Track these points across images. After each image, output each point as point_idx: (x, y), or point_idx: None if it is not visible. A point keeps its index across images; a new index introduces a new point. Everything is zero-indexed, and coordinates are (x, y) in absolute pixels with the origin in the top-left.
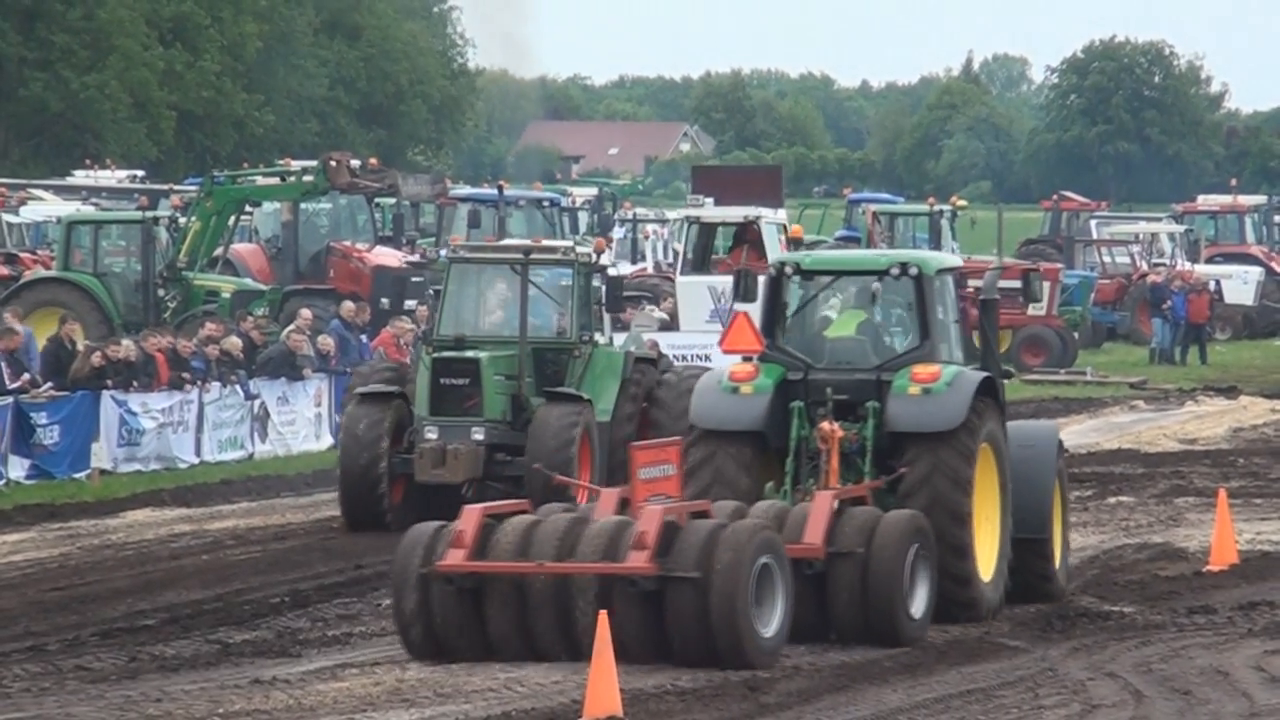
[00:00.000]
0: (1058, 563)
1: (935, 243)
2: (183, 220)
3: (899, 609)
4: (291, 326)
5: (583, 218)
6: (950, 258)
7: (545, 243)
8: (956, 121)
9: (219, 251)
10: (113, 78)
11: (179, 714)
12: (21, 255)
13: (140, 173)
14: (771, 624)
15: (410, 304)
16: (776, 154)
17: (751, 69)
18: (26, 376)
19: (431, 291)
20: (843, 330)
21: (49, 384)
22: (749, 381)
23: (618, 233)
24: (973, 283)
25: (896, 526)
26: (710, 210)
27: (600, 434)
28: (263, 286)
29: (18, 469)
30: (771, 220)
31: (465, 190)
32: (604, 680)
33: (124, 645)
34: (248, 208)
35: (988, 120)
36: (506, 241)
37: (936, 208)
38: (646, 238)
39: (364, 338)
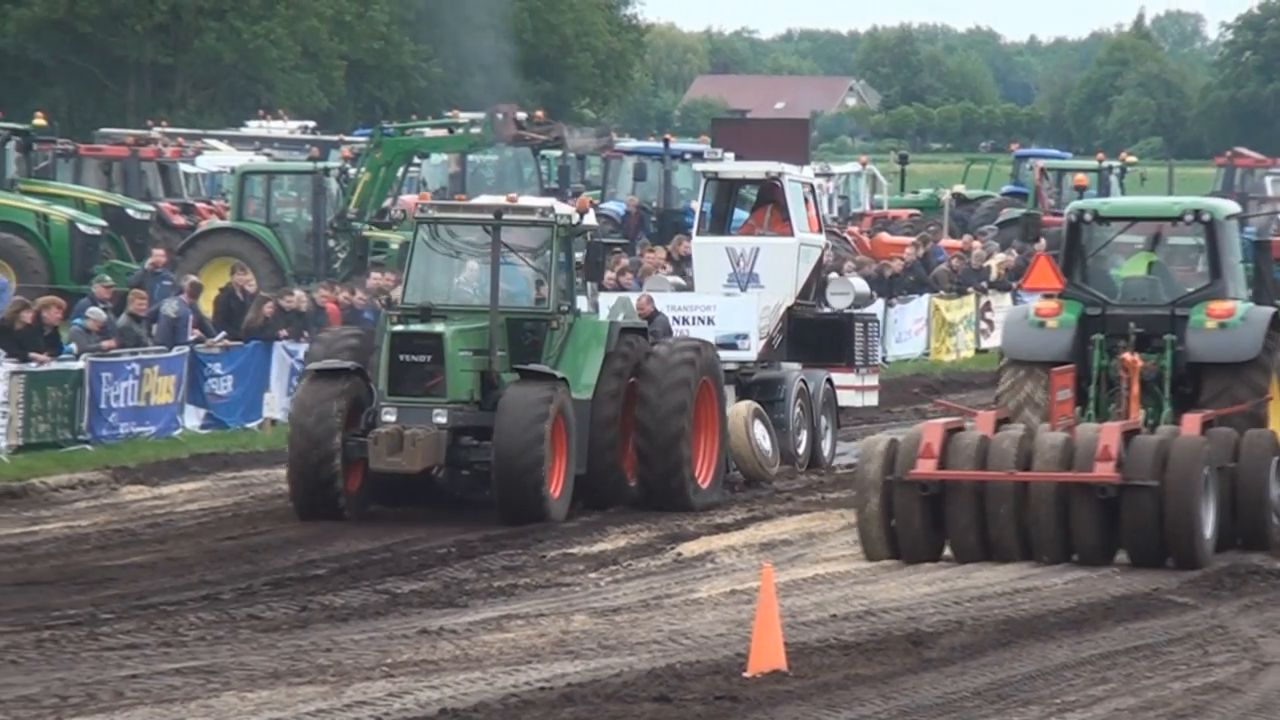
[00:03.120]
0: None
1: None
2: (352, 171)
3: (1267, 514)
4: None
5: None
6: (1234, 204)
7: (521, 201)
8: (1127, 77)
9: (387, 203)
10: (281, 26)
11: (348, 663)
12: (197, 205)
13: (311, 123)
14: (1208, 526)
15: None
16: (943, 109)
17: (919, 23)
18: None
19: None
20: (1136, 270)
21: (222, 334)
22: (1054, 317)
23: None
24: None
25: (1261, 442)
26: (729, 165)
27: (580, 412)
28: None
29: (193, 419)
30: (796, 178)
31: (631, 144)
32: (768, 634)
33: (295, 595)
34: (416, 159)
35: (1159, 76)
36: (479, 200)
37: (1105, 163)
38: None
39: None
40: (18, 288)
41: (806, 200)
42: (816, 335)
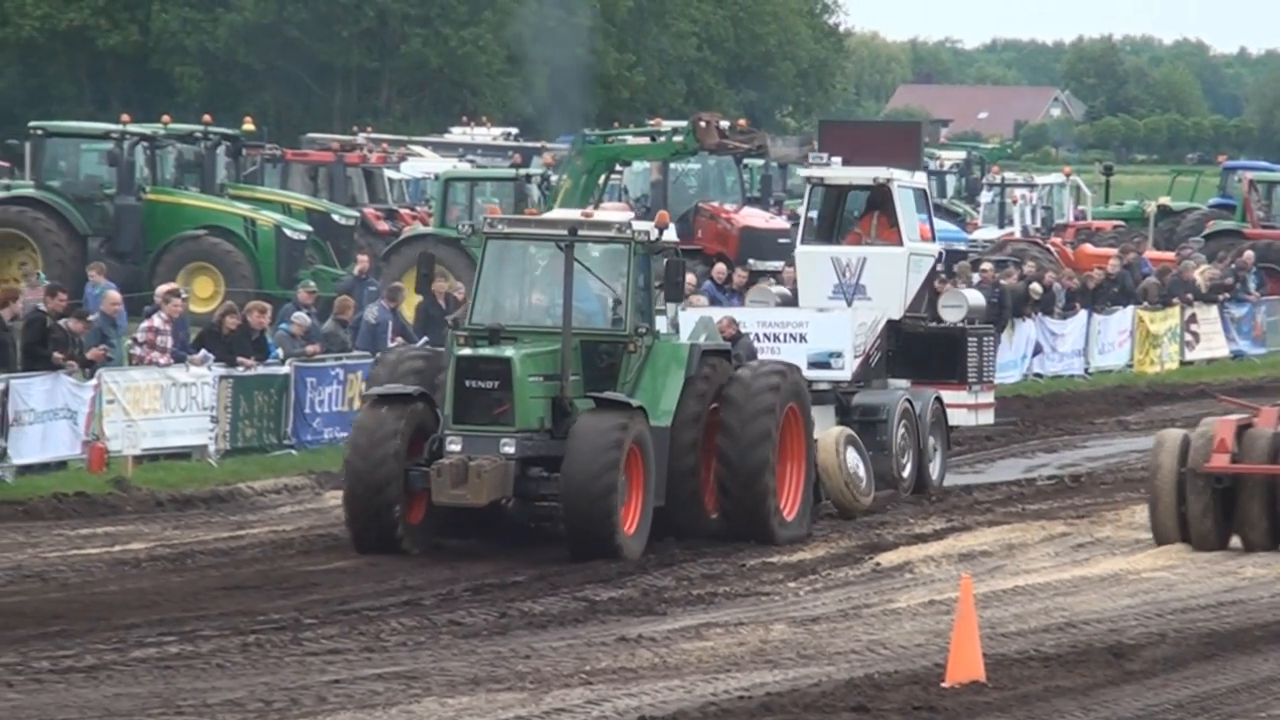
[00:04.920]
0: None
1: None
2: (554, 178)
3: None
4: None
5: (950, 181)
6: None
7: (597, 217)
8: None
9: (589, 209)
10: (488, 32)
11: (547, 670)
12: (401, 211)
13: (514, 130)
14: None
15: (776, 265)
16: (1149, 120)
17: (1124, 35)
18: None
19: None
20: None
21: (424, 339)
22: None
23: (985, 196)
24: None
25: None
26: (836, 171)
27: (658, 441)
28: None
29: None
30: (906, 184)
31: None
32: (967, 645)
33: (495, 601)
34: (618, 166)
35: None
36: (551, 214)
37: None
38: (1014, 202)
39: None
40: (225, 292)
41: (919, 208)
42: (927, 350)
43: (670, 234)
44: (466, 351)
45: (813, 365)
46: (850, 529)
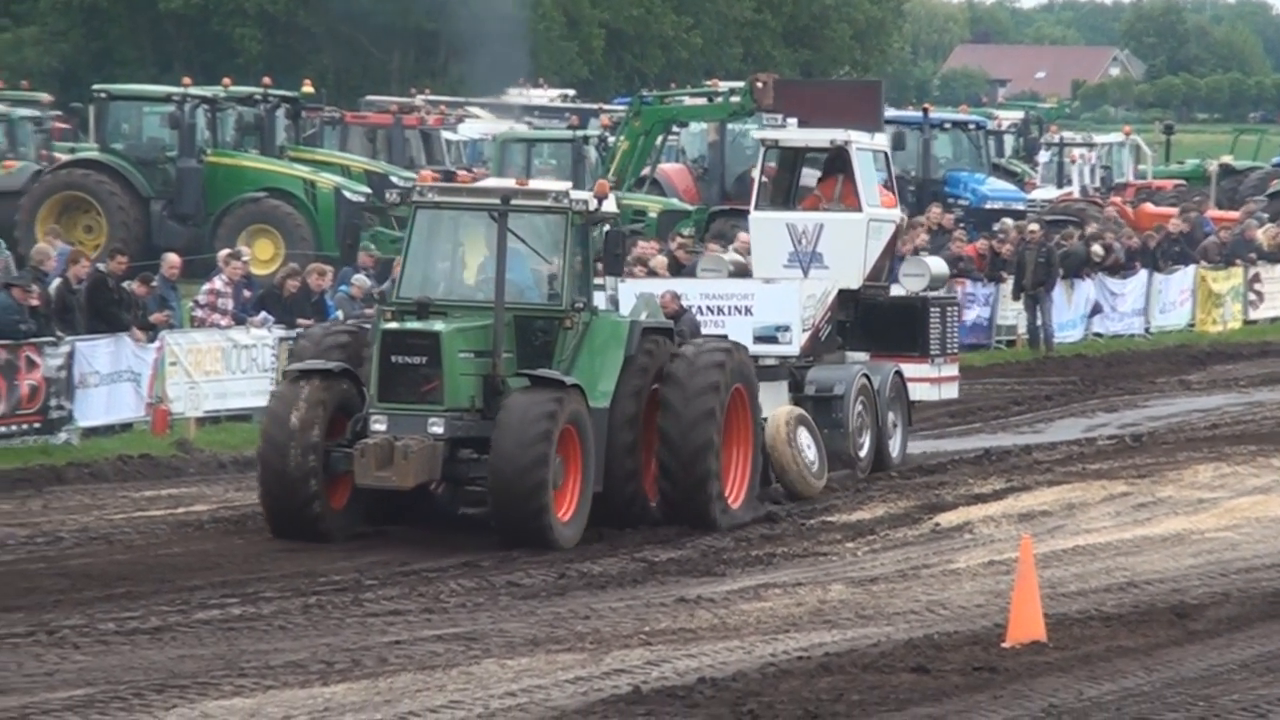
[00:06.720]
0: None
1: None
2: (611, 139)
3: None
4: (733, 247)
5: (1008, 141)
6: None
7: (532, 185)
8: None
9: (646, 171)
10: None
11: (606, 631)
12: (458, 172)
13: (571, 91)
14: None
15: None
16: (1210, 79)
17: None
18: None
19: None
20: None
21: None
22: None
23: (1043, 156)
24: None
25: None
26: (792, 133)
27: (596, 423)
28: (689, 206)
29: None
30: (866, 146)
31: (890, 113)
32: (1027, 604)
33: (553, 562)
34: (675, 128)
35: None
36: (484, 183)
37: None
38: (1073, 162)
39: None
40: (285, 254)
41: (880, 171)
42: (887, 321)
43: (610, 204)
44: (393, 326)
45: (759, 339)
46: (909, 489)
